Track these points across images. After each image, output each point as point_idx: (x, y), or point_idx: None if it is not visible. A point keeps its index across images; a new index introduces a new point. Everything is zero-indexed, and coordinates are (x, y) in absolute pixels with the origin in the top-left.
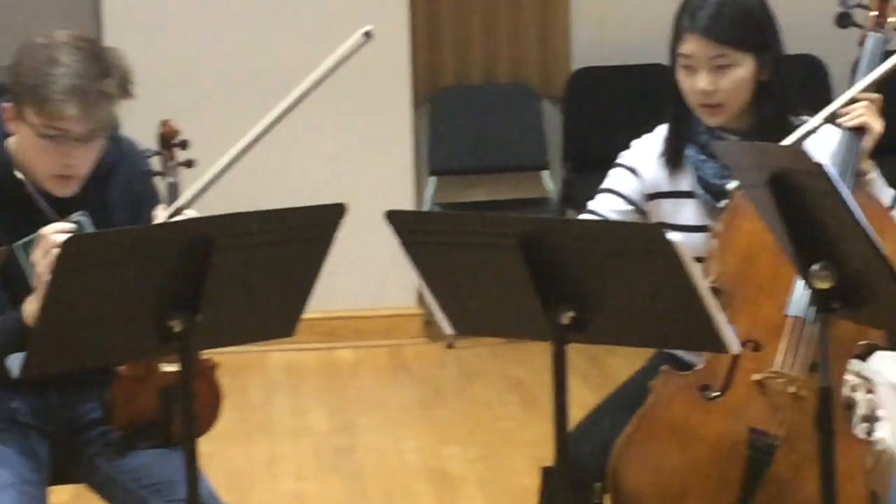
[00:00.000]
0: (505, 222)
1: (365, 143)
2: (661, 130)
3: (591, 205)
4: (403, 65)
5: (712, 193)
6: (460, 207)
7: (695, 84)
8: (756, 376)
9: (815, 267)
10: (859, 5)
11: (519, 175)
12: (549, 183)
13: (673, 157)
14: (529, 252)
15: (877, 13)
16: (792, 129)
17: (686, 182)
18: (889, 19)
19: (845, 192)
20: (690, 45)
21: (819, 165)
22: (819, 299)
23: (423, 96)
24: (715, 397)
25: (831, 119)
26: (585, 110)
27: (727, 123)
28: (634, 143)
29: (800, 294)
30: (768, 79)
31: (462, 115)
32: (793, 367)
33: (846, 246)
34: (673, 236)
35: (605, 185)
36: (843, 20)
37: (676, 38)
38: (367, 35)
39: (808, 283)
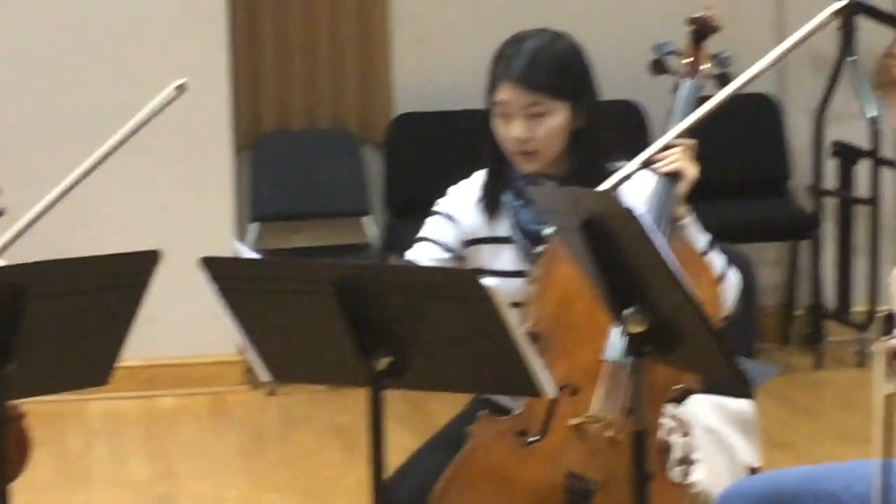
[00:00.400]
0: (320, 268)
1: (186, 189)
2: (479, 176)
3: (408, 254)
4: (224, 110)
5: (530, 239)
6: (282, 253)
7: (510, 132)
8: (573, 421)
9: (628, 311)
10: (673, 52)
11: (341, 221)
12: (371, 228)
13: (490, 203)
14: (346, 298)
15: (690, 60)
16: (608, 174)
17: (503, 228)
18: (702, 66)
19: (656, 237)
20: (505, 94)
21: (630, 210)
22: (632, 343)
23: (244, 142)
24: (532, 442)
25: (646, 164)
26: (407, 156)
27: (543, 170)
28: (451, 190)
29: (616, 339)
30: (584, 125)
31: (284, 161)
32: (609, 412)
33: (658, 290)
34: (488, 281)
35: (422, 233)
36: (657, 67)
37: (492, 86)
38: (180, 88)
39: (622, 328)
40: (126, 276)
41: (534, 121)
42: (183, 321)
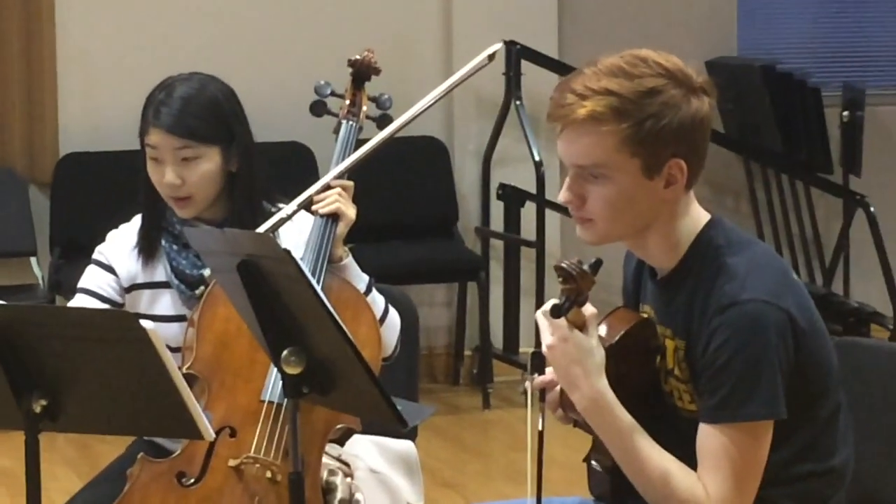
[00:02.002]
0: None
1: None
2: (139, 220)
3: (70, 304)
4: None
5: (187, 284)
6: None
7: (162, 177)
8: (232, 462)
9: (285, 352)
10: (333, 94)
11: (6, 261)
12: (37, 269)
13: (146, 248)
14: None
15: (349, 102)
16: (267, 216)
17: (161, 273)
18: (363, 108)
19: (311, 279)
20: (155, 138)
21: (286, 252)
22: (289, 384)
23: None
24: (191, 484)
25: (306, 205)
26: (73, 196)
27: (200, 214)
28: (110, 235)
29: (274, 379)
30: (238, 169)
31: None
32: (268, 452)
33: (314, 332)
34: (146, 324)
35: (81, 283)
36: (318, 108)
37: (143, 131)
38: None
39: (279, 369)
40: None
41: (185, 165)
42: None
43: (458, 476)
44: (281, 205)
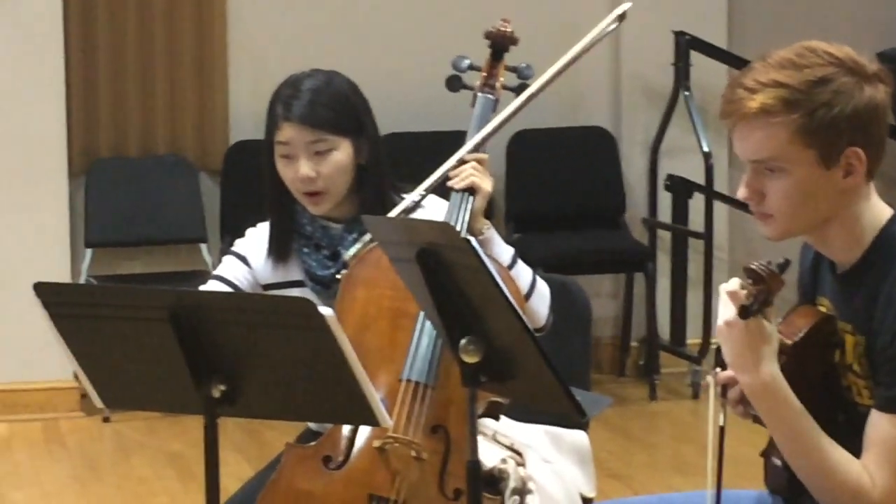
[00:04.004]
0: (154, 295)
1: (19, 215)
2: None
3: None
4: (59, 135)
5: (321, 284)
6: (117, 280)
7: (296, 172)
8: (376, 442)
9: (464, 341)
10: (472, 67)
11: (176, 247)
12: (207, 256)
13: (277, 250)
14: (180, 325)
15: (485, 74)
16: (394, 207)
17: (296, 271)
18: (500, 79)
19: (491, 268)
20: (287, 132)
21: (466, 240)
22: (467, 372)
23: (79, 167)
24: (337, 467)
25: (442, 181)
26: (243, 183)
27: (331, 212)
28: (249, 232)
29: (412, 358)
30: (367, 161)
31: (119, 187)
32: (407, 431)
33: (493, 321)
34: (325, 311)
35: (216, 271)
36: (453, 83)
37: (272, 129)
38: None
39: (457, 357)
40: None
41: (318, 158)
42: (17, 346)
43: (625, 467)
44: (404, 195)
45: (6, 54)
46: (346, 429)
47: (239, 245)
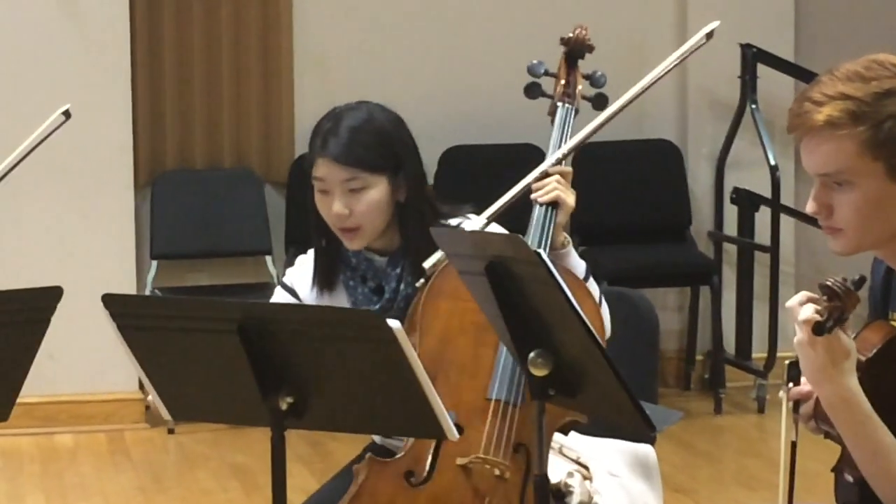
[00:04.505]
0: (222, 307)
1: (86, 225)
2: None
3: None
4: (125, 146)
5: None
6: (182, 292)
7: (330, 207)
8: (461, 461)
9: (532, 354)
10: (547, 73)
11: (242, 260)
12: (272, 268)
13: (322, 280)
14: (248, 337)
15: (563, 82)
16: None
17: (343, 301)
18: (578, 87)
19: (561, 281)
20: (322, 169)
21: (537, 254)
22: (536, 386)
23: (144, 179)
24: (420, 483)
25: (525, 193)
26: (308, 196)
27: (371, 245)
28: (299, 260)
29: (500, 377)
30: (406, 199)
31: (185, 199)
32: (496, 452)
33: (563, 334)
34: (393, 324)
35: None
36: (532, 91)
37: (310, 161)
38: (66, 115)
39: (525, 371)
40: (27, 311)
41: (352, 195)
42: (82, 358)
43: (690, 482)
44: (471, 215)
45: (73, 67)
46: (427, 444)
47: (288, 275)
